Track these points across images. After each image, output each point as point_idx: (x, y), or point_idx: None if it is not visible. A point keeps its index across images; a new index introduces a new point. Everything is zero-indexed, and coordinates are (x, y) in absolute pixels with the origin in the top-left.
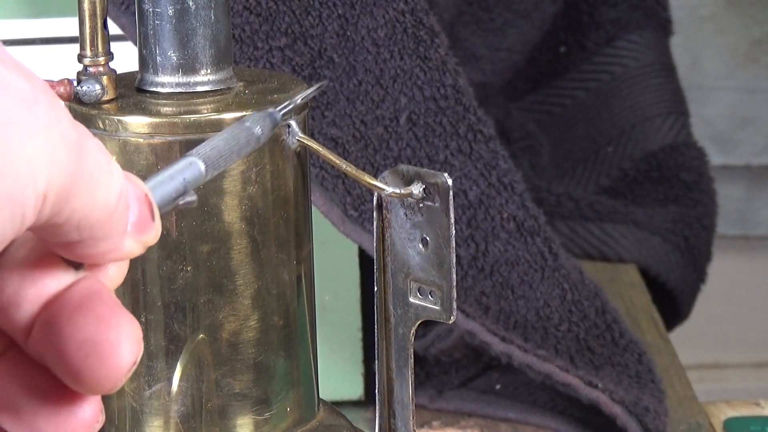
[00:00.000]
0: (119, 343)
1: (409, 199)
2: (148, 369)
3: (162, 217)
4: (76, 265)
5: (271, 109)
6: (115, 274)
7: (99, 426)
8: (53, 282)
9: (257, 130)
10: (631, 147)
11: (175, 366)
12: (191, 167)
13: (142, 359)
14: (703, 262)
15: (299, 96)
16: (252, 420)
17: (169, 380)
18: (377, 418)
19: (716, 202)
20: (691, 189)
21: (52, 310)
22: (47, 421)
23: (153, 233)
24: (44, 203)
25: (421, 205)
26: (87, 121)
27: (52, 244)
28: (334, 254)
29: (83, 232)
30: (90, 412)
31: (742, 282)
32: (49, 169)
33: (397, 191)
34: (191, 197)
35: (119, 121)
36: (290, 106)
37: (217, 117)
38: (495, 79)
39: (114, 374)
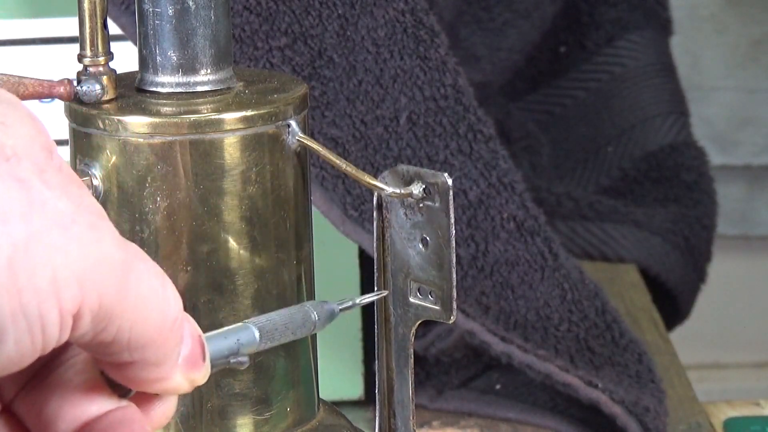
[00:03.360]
0: None
1: (409, 199)
2: None
3: (212, 371)
4: (123, 393)
5: (331, 303)
6: (160, 413)
7: None
8: (94, 407)
9: (314, 315)
10: (631, 147)
11: None
12: (246, 331)
13: None
14: (703, 262)
15: (361, 298)
16: (252, 420)
17: None
18: (377, 418)
19: (716, 202)
20: (691, 189)
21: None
22: None
23: (202, 373)
24: (79, 321)
25: (421, 205)
26: (87, 121)
27: (104, 364)
28: (334, 254)
29: (134, 353)
30: None
31: (742, 282)
32: (78, 287)
33: (397, 191)
34: (243, 358)
35: (119, 121)
36: (351, 306)
37: (217, 117)
38: (495, 79)
39: None
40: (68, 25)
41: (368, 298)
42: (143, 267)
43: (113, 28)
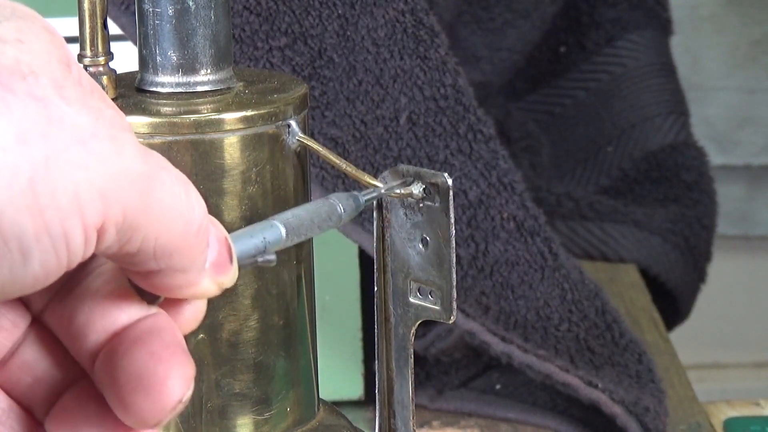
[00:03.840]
0: (167, 378)
1: (409, 199)
2: None
3: (240, 270)
4: (151, 299)
5: (356, 192)
6: (189, 317)
7: None
8: (124, 315)
9: (339, 207)
10: (631, 147)
11: None
12: (272, 229)
13: None
14: (703, 262)
15: (385, 187)
16: (252, 420)
17: None
18: (377, 418)
19: (716, 202)
20: (691, 189)
21: (114, 342)
22: None
23: (230, 276)
24: (104, 235)
25: (421, 205)
26: None
27: (131, 273)
28: (334, 254)
29: (161, 262)
30: None
31: (742, 282)
32: (101, 202)
33: (397, 191)
34: (270, 256)
35: None
36: (375, 195)
37: (217, 117)
38: (495, 79)
39: (159, 409)
40: (68, 25)
41: (393, 187)
42: (166, 176)
43: (113, 28)
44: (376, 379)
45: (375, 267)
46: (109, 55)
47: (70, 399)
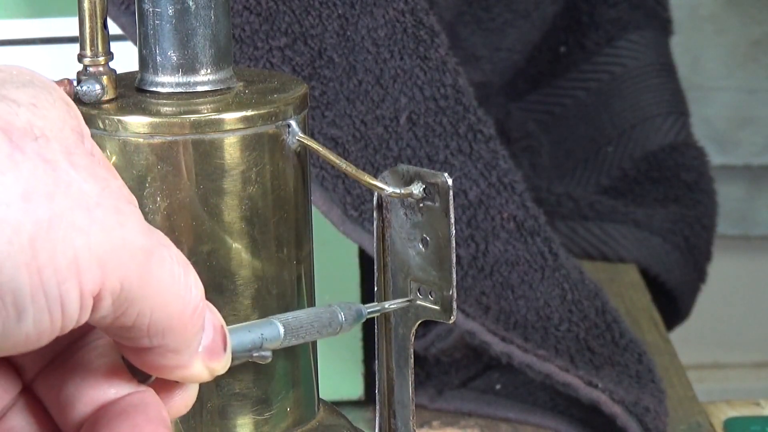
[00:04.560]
0: None
1: (409, 199)
2: None
3: (234, 363)
4: (143, 378)
5: (359, 305)
6: (179, 401)
7: None
8: (113, 390)
9: (341, 316)
10: (631, 147)
11: None
12: (271, 327)
13: None
14: (703, 262)
15: (390, 303)
16: (252, 420)
17: None
18: (377, 418)
19: (716, 202)
20: (691, 189)
21: (100, 413)
22: None
23: (222, 363)
24: (99, 303)
25: (421, 205)
26: (87, 121)
27: (124, 349)
28: (334, 254)
29: (154, 339)
30: None
31: (742, 282)
32: (100, 270)
33: (397, 191)
34: (266, 353)
35: (119, 121)
36: (379, 310)
37: (217, 117)
38: (495, 79)
39: None
40: (68, 25)
41: (396, 305)
42: (166, 253)
43: (113, 28)
44: (376, 379)
45: (375, 267)
46: (109, 55)
47: None
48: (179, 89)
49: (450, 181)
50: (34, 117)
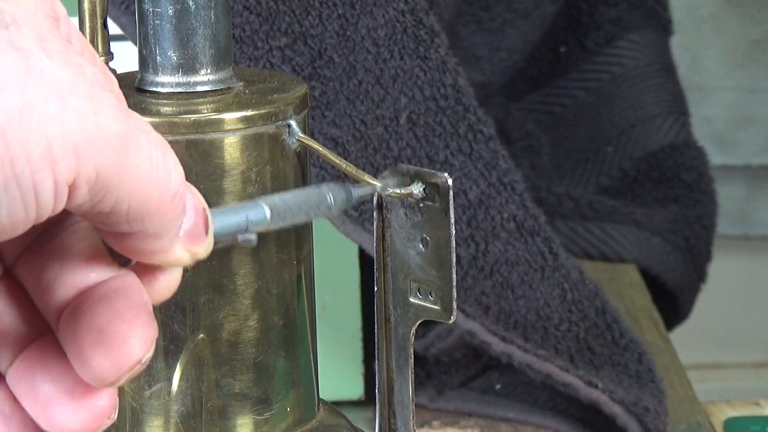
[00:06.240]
0: (128, 338)
1: (409, 199)
2: (148, 369)
3: (219, 246)
4: (123, 262)
5: (350, 185)
6: (162, 286)
7: (110, 422)
8: (93, 274)
9: (330, 197)
10: (631, 147)
11: (175, 366)
12: (257, 209)
13: None
14: (703, 262)
15: (380, 186)
16: (252, 420)
17: (169, 380)
18: (377, 418)
19: (716, 202)
20: (691, 189)
21: (81, 298)
22: (62, 409)
23: (204, 246)
24: (75, 192)
25: (421, 205)
26: None
27: (104, 234)
28: (334, 254)
29: (133, 224)
30: (102, 406)
31: (742, 282)
32: (74, 158)
33: (397, 191)
34: (251, 236)
35: None
36: (369, 192)
37: (217, 117)
38: (495, 79)
39: (117, 367)
40: None
41: (392, 187)
42: (144, 138)
43: (113, 28)
44: (376, 379)
45: (375, 267)
46: (109, 55)
47: (33, 353)
48: (179, 89)
49: (450, 181)
50: (4, 3)
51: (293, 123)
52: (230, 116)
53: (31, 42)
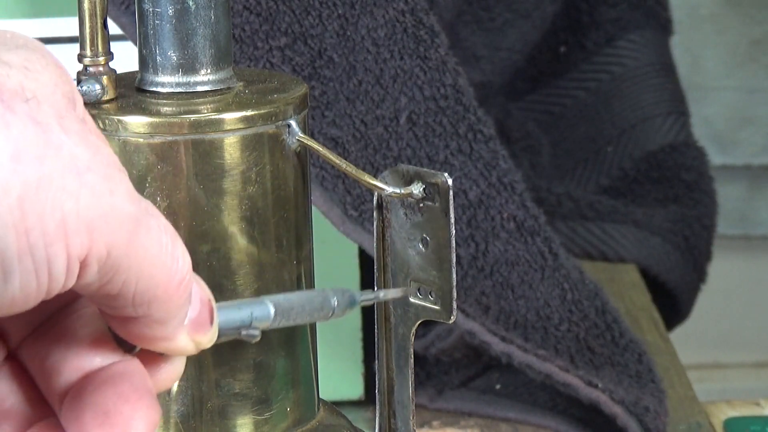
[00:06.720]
0: (131, 419)
1: (409, 199)
2: None
3: (221, 339)
4: (128, 348)
5: (354, 291)
6: (165, 375)
7: None
8: (98, 358)
9: (333, 301)
10: (631, 147)
11: None
12: (261, 306)
13: None
14: (703, 262)
15: (384, 293)
16: (252, 420)
17: None
18: (377, 418)
19: (716, 202)
20: (691, 189)
21: (85, 381)
22: None
23: (208, 336)
24: (86, 269)
25: (421, 205)
26: None
27: (110, 318)
28: (334, 254)
29: (139, 309)
30: None
31: (742, 282)
32: (87, 235)
33: (397, 191)
34: (254, 331)
35: (119, 121)
36: (373, 299)
37: (217, 117)
38: (495, 79)
39: None
40: (68, 25)
41: (391, 294)
42: (154, 223)
43: (113, 28)
44: (376, 379)
45: (375, 267)
46: (109, 55)
47: None
48: (179, 89)
49: (450, 181)
50: (26, 79)
51: (293, 123)
52: (230, 116)
53: (50, 118)
